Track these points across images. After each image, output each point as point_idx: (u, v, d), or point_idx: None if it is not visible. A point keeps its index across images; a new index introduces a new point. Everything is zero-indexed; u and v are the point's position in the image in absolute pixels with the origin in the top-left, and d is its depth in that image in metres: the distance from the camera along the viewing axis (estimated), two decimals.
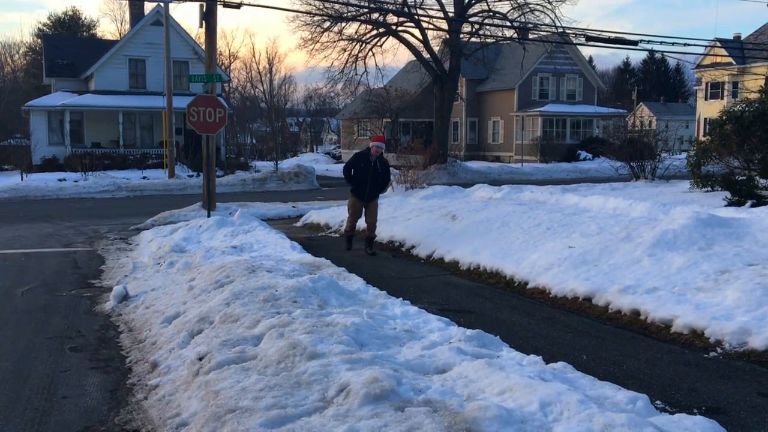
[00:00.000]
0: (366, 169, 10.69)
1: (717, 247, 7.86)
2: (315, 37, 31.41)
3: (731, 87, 48.90)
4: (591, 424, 3.59)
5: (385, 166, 10.93)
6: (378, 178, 10.80)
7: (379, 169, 10.76)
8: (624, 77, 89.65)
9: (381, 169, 10.79)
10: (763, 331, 5.65)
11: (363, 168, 10.69)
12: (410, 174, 18.83)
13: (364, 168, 10.69)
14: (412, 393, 4.07)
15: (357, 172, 10.74)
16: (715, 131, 16.51)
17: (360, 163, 10.74)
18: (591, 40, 25.15)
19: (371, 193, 10.85)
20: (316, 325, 5.33)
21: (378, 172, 10.75)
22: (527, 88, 45.92)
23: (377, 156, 10.73)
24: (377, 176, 10.77)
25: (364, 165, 10.70)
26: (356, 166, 10.78)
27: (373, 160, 10.68)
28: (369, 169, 10.68)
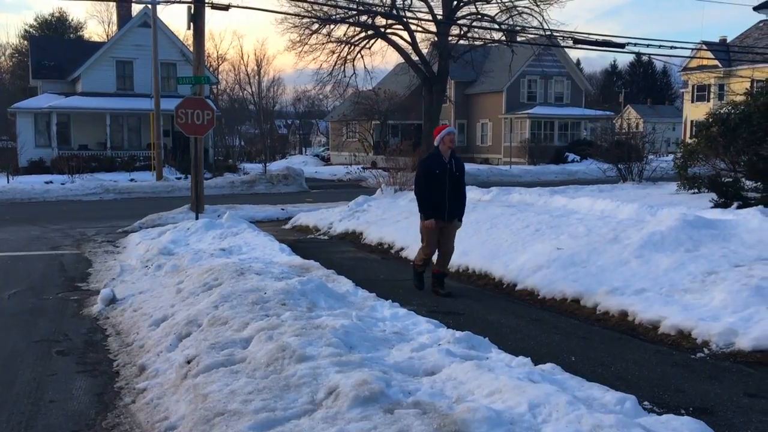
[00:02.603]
0: (442, 175, 7.91)
1: (704, 248, 7.92)
2: (303, 39, 31.47)
3: (717, 89, 49.24)
4: (580, 425, 3.60)
5: (462, 169, 8.24)
6: (457, 186, 8.09)
7: (456, 173, 8.06)
8: (611, 80, 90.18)
9: (458, 171, 8.10)
10: (749, 331, 5.69)
11: (438, 175, 7.91)
12: (399, 176, 18.82)
13: (439, 175, 7.91)
14: (401, 395, 4.06)
15: (432, 184, 7.95)
16: (701, 133, 16.61)
17: (434, 169, 7.96)
18: (578, 43, 25.28)
19: (453, 209, 8.06)
20: (305, 328, 5.32)
21: (455, 177, 8.03)
22: (515, 90, 46.08)
23: (450, 153, 8.10)
24: (456, 183, 8.05)
25: (439, 170, 7.93)
26: (431, 174, 7.96)
27: (447, 160, 8.01)
28: (445, 175, 7.90)
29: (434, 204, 7.96)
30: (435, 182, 7.93)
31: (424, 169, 8.11)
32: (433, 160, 8.12)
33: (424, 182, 8.02)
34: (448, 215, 8.04)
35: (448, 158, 8.00)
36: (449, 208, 8.02)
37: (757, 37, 47.67)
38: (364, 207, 14.82)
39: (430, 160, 8.16)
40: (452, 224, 8.14)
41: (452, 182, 7.98)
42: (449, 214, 8.05)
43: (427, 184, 7.98)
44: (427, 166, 8.10)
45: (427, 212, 8.04)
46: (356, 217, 14.05)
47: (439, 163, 8.00)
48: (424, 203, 8.04)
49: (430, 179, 7.97)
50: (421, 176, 8.12)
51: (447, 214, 8.03)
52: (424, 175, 8.05)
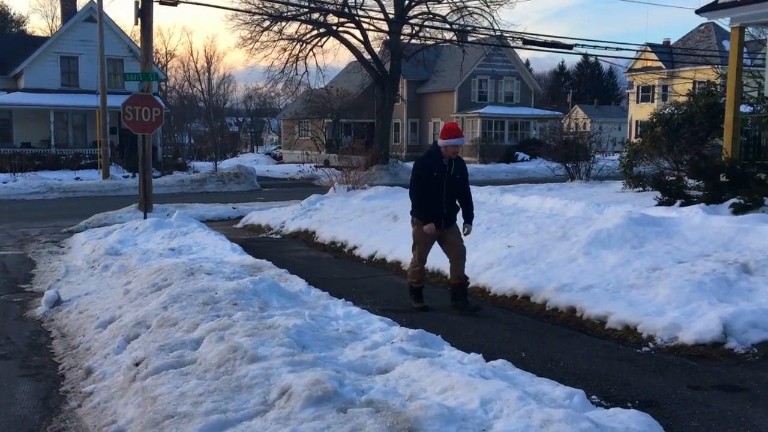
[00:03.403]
0: (440, 178, 7.21)
1: (649, 245, 8.14)
2: (254, 36, 31.10)
3: (661, 90, 50.66)
4: (530, 420, 3.66)
5: (465, 171, 7.46)
6: (457, 190, 7.36)
7: (458, 177, 7.32)
8: (559, 80, 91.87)
9: (460, 176, 7.35)
10: (692, 326, 5.87)
11: (436, 178, 7.21)
12: (352, 175, 18.82)
13: (437, 177, 7.21)
14: (354, 394, 4.06)
15: (429, 186, 7.24)
16: (646, 133, 17.09)
17: (431, 171, 7.25)
18: (528, 44, 25.68)
19: (451, 214, 7.35)
20: (257, 328, 5.27)
21: (456, 181, 7.31)
22: (466, 89, 46.54)
23: (454, 157, 7.33)
24: (455, 187, 7.33)
25: (437, 173, 7.22)
26: (427, 175, 7.27)
27: (447, 163, 7.26)
28: (444, 178, 7.22)
29: (430, 209, 7.22)
30: (431, 184, 7.21)
31: (420, 169, 7.35)
32: (431, 159, 7.35)
33: (421, 188, 7.27)
34: (445, 221, 7.27)
35: (447, 159, 7.24)
36: (447, 213, 7.26)
37: (698, 39, 49.21)
38: (317, 206, 14.76)
39: (428, 159, 7.40)
40: (452, 229, 7.36)
41: (451, 186, 7.23)
42: (447, 220, 7.28)
43: (423, 187, 7.24)
44: (424, 166, 7.34)
45: (424, 216, 7.23)
46: (309, 215, 13.99)
47: (437, 164, 7.24)
48: (419, 206, 7.28)
49: (426, 180, 7.23)
50: (416, 176, 7.35)
51: (444, 220, 7.26)
52: (420, 176, 7.31)
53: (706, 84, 18.72)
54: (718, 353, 5.57)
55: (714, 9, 12.60)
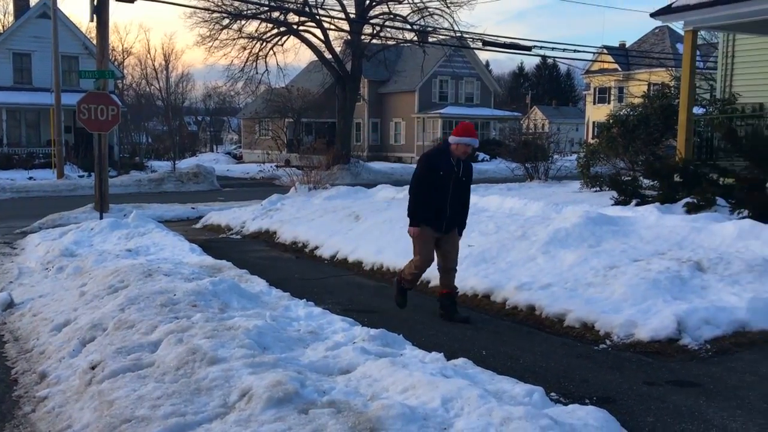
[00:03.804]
0: (447, 177, 6.71)
1: (605, 244, 8.29)
2: (214, 35, 30.79)
3: (617, 92, 51.69)
4: (490, 417, 3.70)
5: (471, 176, 7.02)
6: (462, 193, 6.92)
7: (463, 177, 6.87)
8: (519, 81, 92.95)
9: (466, 179, 6.91)
10: (648, 323, 5.99)
11: (442, 177, 6.70)
12: (313, 174, 18.75)
13: (444, 177, 6.70)
14: (316, 395, 4.05)
15: (433, 185, 6.73)
16: (602, 134, 17.42)
17: (438, 169, 6.73)
18: (487, 45, 25.93)
19: (453, 218, 6.88)
20: (217, 329, 5.21)
21: (462, 184, 6.86)
22: (427, 90, 46.78)
23: (463, 158, 6.85)
24: (461, 189, 6.88)
25: (444, 171, 6.71)
26: (432, 175, 6.72)
27: (456, 162, 6.78)
28: (450, 178, 6.72)
29: (432, 209, 6.74)
30: (436, 184, 6.70)
31: (426, 166, 6.81)
32: (438, 157, 6.84)
33: (423, 188, 6.75)
34: (447, 225, 6.84)
35: (456, 159, 6.77)
36: (449, 216, 6.81)
37: (653, 42, 50.34)
38: (278, 205, 14.67)
39: (436, 156, 6.88)
40: (451, 235, 6.94)
41: (456, 187, 6.79)
42: (448, 224, 6.84)
43: (427, 185, 6.73)
44: (431, 164, 6.80)
45: (418, 217, 6.76)
46: (270, 215, 13.89)
47: (445, 163, 6.74)
48: (418, 206, 6.76)
49: (430, 179, 6.72)
50: (419, 173, 6.80)
51: (446, 224, 6.83)
52: (425, 174, 6.77)
53: (660, 86, 19.17)
54: (673, 349, 5.70)
55: (668, 12, 12.89)
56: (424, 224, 6.78)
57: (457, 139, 6.72)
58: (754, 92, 13.80)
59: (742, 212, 9.49)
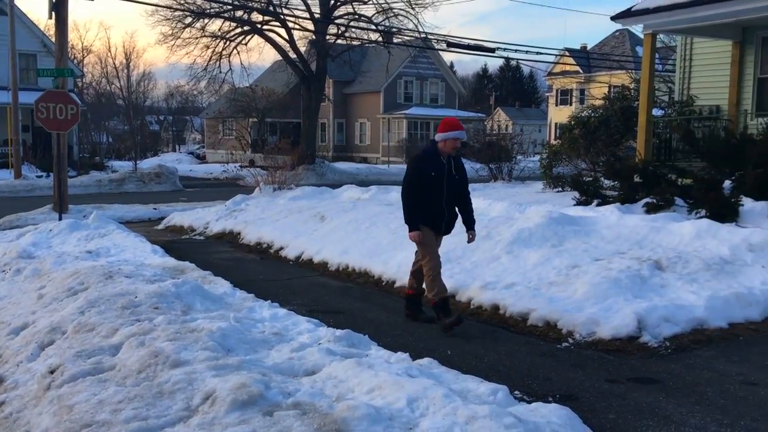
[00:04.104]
0: (439, 178, 6.52)
1: (568, 243, 8.40)
2: (176, 33, 30.37)
3: (579, 94, 52.51)
4: (455, 417, 3.72)
5: (464, 171, 6.82)
6: (458, 192, 6.68)
7: (456, 176, 6.65)
8: (482, 83, 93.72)
9: (459, 176, 6.69)
10: (609, 321, 6.09)
11: (435, 178, 6.51)
12: (278, 175, 18.64)
13: (436, 178, 6.51)
14: (281, 397, 4.02)
15: (426, 189, 6.51)
16: (564, 135, 17.68)
17: (428, 171, 6.52)
18: (452, 46, 26.11)
19: (450, 219, 6.72)
20: (180, 332, 5.15)
21: (455, 182, 6.64)
22: (392, 90, 46.88)
23: (453, 154, 6.65)
24: (456, 188, 6.65)
25: (435, 172, 6.51)
26: (423, 177, 6.51)
27: (446, 161, 6.58)
28: (443, 178, 6.53)
29: (429, 212, 6.52)
30: (429, 186, 6.48)
31: (416, 170, 6.56)
32: (428, 158, 6.57)
33: (414, 191, 6.51)
34: (446, 226, 6.69)
35: (446, 156, 6.56)
36: (448, 218, 6.66)
37: (614, 45, 51.24)
38: (242, 206, 14.55)
39: (425, 158, 6.60)
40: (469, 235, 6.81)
41: (451, 187, 6.57)
42: (447, 226, 6.70)
43: (419, 188, 6.49)
44: (420, 166, 6.56)
45: (416, 221, 6.49)
46: (234, 216, 13.77)
47: (435, 163, 6.51)
48: (413, 210, 6.50)
49: (422, 183, 6.49)
50: (410, 178, 6.56)
51: (445, 226, 6.67)
52: (415, 178, 6.53)
53: (620, 88, 19.51)
54: (633, 347, 5.80)
55: (628, 16, 13.14)
56: (424, 225, 6.52)
57: (443, 135, 6.52)
58: (710, 95, 14.14)
59: (700, 212, 9.71)
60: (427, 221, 6.54)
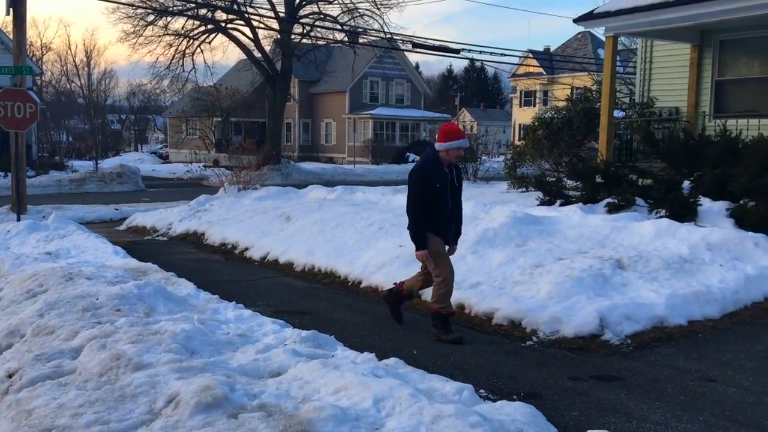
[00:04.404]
0: (443, 189, 6.22)
1: (531, 243, 8.49)
2: (138, 31, 29.94)
3: (542, 95, 53.18)
4: (421, 416, 3.73)
5: (461, 179, 6.55)
6: (458, 202, 6.46)
7: (456, 184, 6.40)
8: (448, 84, 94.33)
9: (458, 184, 6.44)
10: (572, 319, 6.17)
11: (439, 189, 6.19)
12: (243, 175, 18.49)
13: (440, 189, 6.20)
14: (246, 399, 3.99)
15: (432, 201, 6.19)
16: (528, 136, 17.88)
17: (434, 182, 6.18)
18: (417, 47, 26.21)
19: (456, 230, 6.50)
20: (143, 334, 5.07)
21: (456, 190, 6.39)
22: (358, 91, 46.87)
23: (454, 163, 6.40)
24: (457, 198, 6.42)
25: (440, 183, 6.19)
26: (430, 189, 6.17)
27: (448, 170, 6.29)
28: (447, 189, 6.25)
29: (437, 223, 6.21)
30: (435, 198, 6.15)
31: (421, 181, 6.17)
32: (433, 168, 6.21)
33: (421, 198, 6.15)
34: (453, 238, 6.45)
35: (448, 165, 6.27)
36: (454, 230, 6.41)
37: (576, 47, 52.00)
38: (206, 206, 14.39)
39: (430, 168, 6.22)
40: (451, 249, 6.51)
41: (453, 197, 6.32)
42: (454, 237, 6.45)
43: (425, 201, 6.14)
44: (426, 177, 6.17)
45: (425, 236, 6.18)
46: (198, 216, 13.61)
47: (439, 173, 6.18)
48: (421, 226, 6.18)
49: (430, 193, 6.14)
50: (416, 189, 6.19)
51: (453, 237, 6.42)
52: (421, 188, 6.16)
53: (583, 90, 19.80)
54: (596, 345, 5.89)
55: (590, 18, 13.33)
56: (433, 235, 6.20)
57: (446, 144, 6.19)
58: (670, 97, 14.43)
59: (660, 212, 9.90)
60: (437, 231, 6.23)
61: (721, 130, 11.00)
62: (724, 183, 9.76)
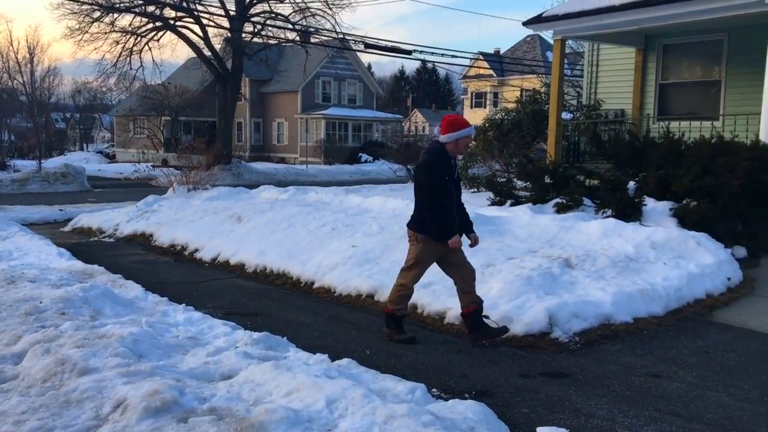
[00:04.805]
0: (451, 182, 6.01)
1: (483, 243, 8.54)
2: (83, 28, 29.15)
3: (493, 97, 53.82)
4: (374, 416, 3.73)
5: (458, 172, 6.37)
6: (460, 195, 6.25)
7: (457, 178, 6.24)
8: (400, 84, 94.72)
9: (458, 177, 6.30)
10: (522, 318, 6.26)
11: (448, 182, 5.97)
12: (193, 175, 18.20)
13: (449, 182, 5.98)
14: (196, 402, 3.93)
15: (443, 194, 5.93)
16: (479, 137, 18.06)
17: (444, 174, 5.94)
18: (369, 48, 26.24)
19: (465, 219, 6.27)
20: (88, 338, 4.95)
21: (458, 183, 6.22)
22: (310, 90, 46.66)
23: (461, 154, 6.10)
24: (459, 191, 6.23)
25: (449, 176, 5.97)
26: (441, 180, 5.93)
27: (454, 163, 6.08)
28: (453, 182, 6.04)
29: (450, 223, 5.96)
30: (446, 193, 5.92)
31: (438, 173, 5.90)
32: (443, 161, 5.94)
33: (438, 191, 5.87)
34: (464, 230, 6.23)
35: (453, 158, 6.06)
36: (461, 220, 6.15)
37: (525, 50, 52.79)
38: (155, 207, 14.12)
39: (443, 161, 5.94)
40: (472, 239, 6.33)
41: (457, 191, 6.13)
42: (465, 227, 6.24)
43: (441, 194, 5.89)
44: (442, 170, 5.91)
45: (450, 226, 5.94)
46: (146, 217, 13.34)
47: (447, 166, 5.94)
48: (443, 217, 5.90)
49: (441, 187, 5.89)
50: (431, 179, 5.90)
51: (460, 232, 6.15)
52: (436, 177, 5.89)
53: (532, 92, 20.11)
54: (545, 342, 5.99)
55: (539, 22, 13.56)
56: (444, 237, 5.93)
57: (455, 135, 5.90)
58: (616, 99, 14.79)
59: (606, 211, 10.13)
60: (452, 229, 5.99)
61: (664, 132, 11.33)
62: (667, 183, 10.04)
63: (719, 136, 10.36)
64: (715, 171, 9.56)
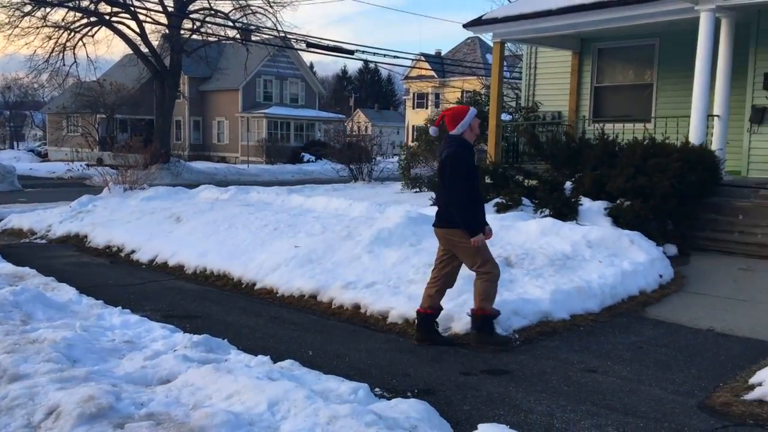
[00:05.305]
0: (477, 169, 6.06)
1: (425, 242, 8.65)
2: (13, 22, 28.14)
3: (434, 97, 54.35)
4: (317, 418, 3.72)
5: None
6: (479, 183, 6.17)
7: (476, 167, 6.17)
8: (342, 84, 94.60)
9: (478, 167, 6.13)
10: (463, 316, 6.33)
11: (475, 172, 5.92)
12: (129, 174, 17.73)
13: (475, 172, 5.94)
14: (133, 408, 3.84)
15: (471, 184, 5.77)
16: (421, 137, 18.23)
17: (473, 164, 5.91)
18: (311, 47, 26.12)
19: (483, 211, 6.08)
20: (19, 343, 4.78)
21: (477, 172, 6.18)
22: (252, 89, 46.13)
23: None
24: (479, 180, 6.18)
25: (474, 165, 5.96)
26: (470, 170, 5.80)
27: None
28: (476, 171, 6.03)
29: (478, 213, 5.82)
30: (473, 182, 5.78)
31: (464, 162, 5.71)
32: (469, 151, 5.82)
33: (468, 183, 5.68)
34: None
35: None
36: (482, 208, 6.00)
37: (466, 52, 53.49)
38: (90, 207, 13.71)
39: (468, 151, 5.81)
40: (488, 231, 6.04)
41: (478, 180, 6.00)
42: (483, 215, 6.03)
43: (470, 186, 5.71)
44: (467, 159, 5.76)
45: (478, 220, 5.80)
46: (80, 218, 12.94)
47: (472, 157, 5.84)
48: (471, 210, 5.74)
49: (469, 177, 5.71)
50: (459, 167, 5.68)
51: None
52: (464, 168, 5.70)
53: (472, 93, 20.39)
54: None
55: (479, 24, 13.76)
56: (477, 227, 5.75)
57: (466, 120, 5.79)
58: (553, 101, 15.14)
59: (544, 211, 10.35)
60: (479, 218, 5.83)
61: (599, 133, 11.64)
62: (602, 184, 10.32)
63: (651, 138, 10.71)
64: (647, 172, 9.88)
